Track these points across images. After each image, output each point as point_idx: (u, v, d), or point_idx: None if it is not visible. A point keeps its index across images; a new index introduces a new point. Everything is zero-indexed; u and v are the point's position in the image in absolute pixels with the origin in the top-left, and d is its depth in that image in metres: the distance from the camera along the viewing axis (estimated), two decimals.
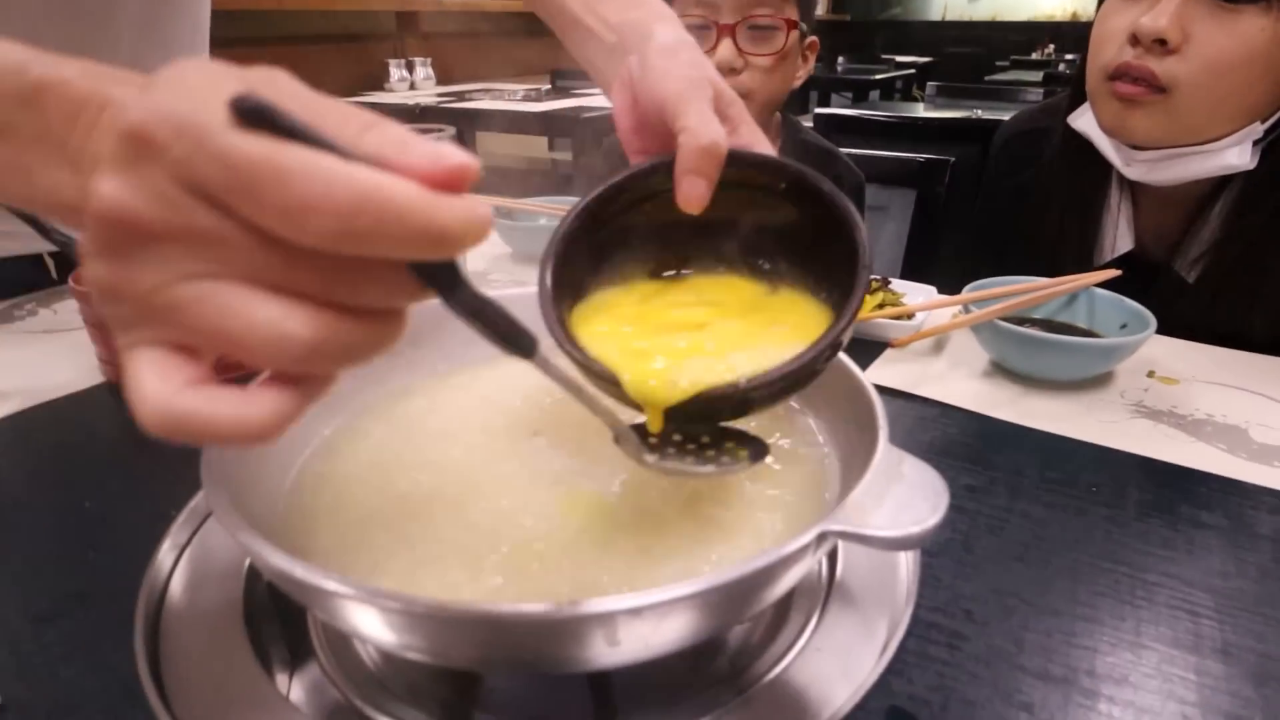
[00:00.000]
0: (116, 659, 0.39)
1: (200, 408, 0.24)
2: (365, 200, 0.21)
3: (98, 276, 0.24)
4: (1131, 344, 0.62)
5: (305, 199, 0.21)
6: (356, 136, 0.23)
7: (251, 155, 0.21)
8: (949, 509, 0.31)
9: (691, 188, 0.40)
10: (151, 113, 0.22)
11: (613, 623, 0.29)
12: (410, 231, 0.22)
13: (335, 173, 0.21)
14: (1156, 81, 0.74)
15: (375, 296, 0.24)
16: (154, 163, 0.22)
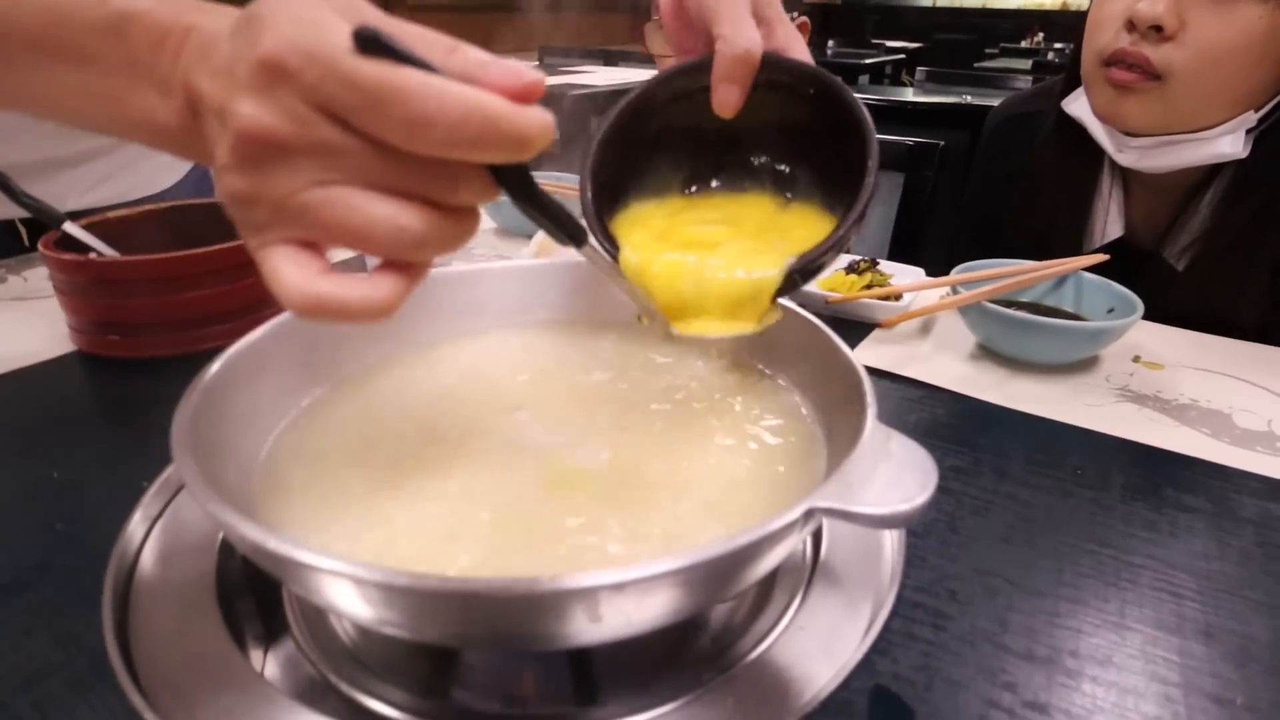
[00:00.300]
0: (83, 632, 0.38)
1: (336, 289, 0.28)
2: (471, 113, 0.25)
3: (235, 187, 0.28)
4: (1118, 328, 0.62)
5: (424, 113, 0.25)
6: (445, 58, 0.27)
7: (377, 77, 0.25)
8: (935, 489, 0.31)
9: (726, 94, 0.43)
10: (285, 43, 0.26)
11: (595, 598, 0.28)
12: (503, 137, 0.26)
13: (446, 91, 0.25)
14: (1151, 68, 0.74)
15: (465, 196, 0.29)
16: (288, 86, 0.26)
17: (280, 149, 0.27)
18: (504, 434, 0.44)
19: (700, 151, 0.49)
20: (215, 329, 0.63)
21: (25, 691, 0.34)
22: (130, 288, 0.61)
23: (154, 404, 0.58)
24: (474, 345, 0.53)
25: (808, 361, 0.47)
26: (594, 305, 0.56)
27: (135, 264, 0.61)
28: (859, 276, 0.77)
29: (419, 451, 0.43)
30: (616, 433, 0.45)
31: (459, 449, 0.43)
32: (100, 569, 0.40)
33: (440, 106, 0.25)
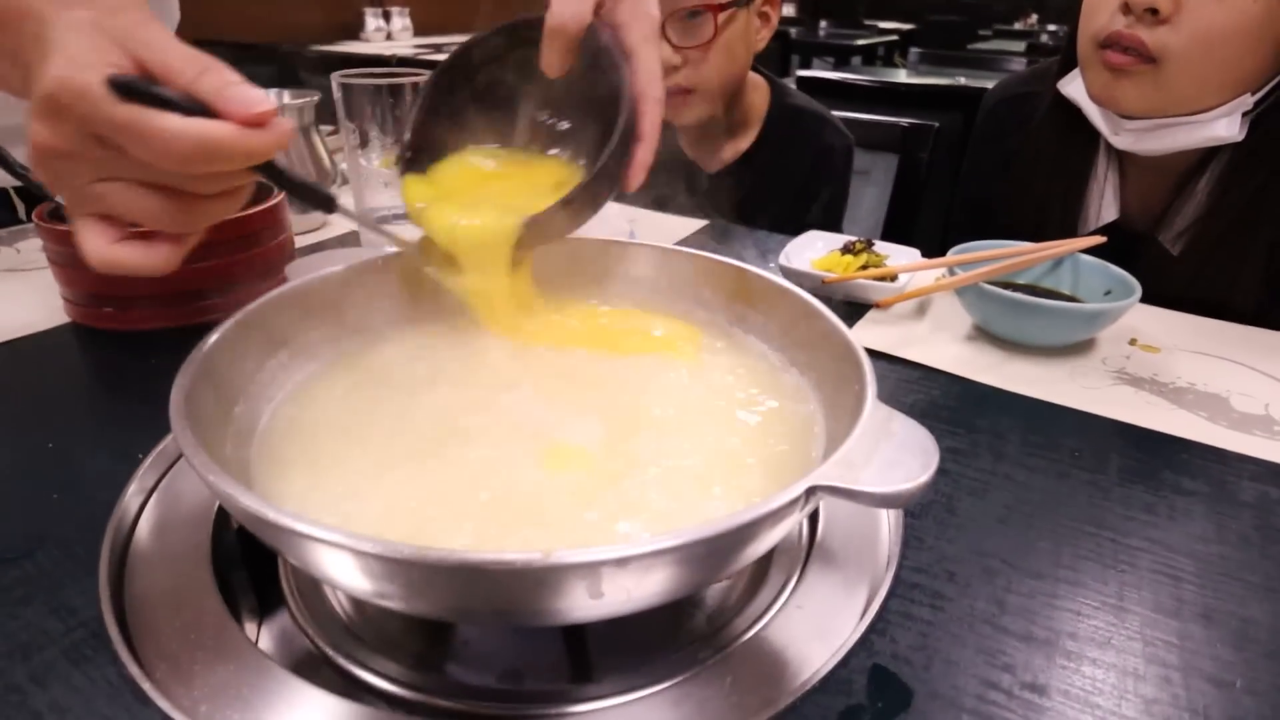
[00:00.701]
0: (80, 602, 0.37)
1: (122, 254, 0.37)
2: (198, 146, 0.33)
3: (43, 178, 0.36)
4: (1116, 310, 0.62)
5: (158, 149, 0.33)
6: (196, 78, 0.34)
7: (125, 120, 0.32)
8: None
9: (547, 56, 0.48)
10: (58, 82, 0.32)
11: (596, 573, 0.28)
12: (230, 157, 0.34)
13: (179, 130, 0.32)
14: (1146, 51, 0.74)
15: (222, 183, 0.37)
16: (63, 116, 0.33)
17: (65, 157, 0.34)
18: (501, 410, 0.44)
19: (519, 107, 0.54)
20: (209, 302, 0.63)
21: (23, 661, 0.34)
22: None
23: (148, 376, 0.58)
24: (470, 322, 0.53)
25: (805, 341, 0.47)
26: (592, 283, 0.56)
27: None
28: (854, 257, 0.77)
29: (416, 427, 0.42)
30: (614, 410, 0.45)
31: (456, 425, 0.43)
32: (96, 540, 0.40)
33: (172, 142, 0.32)
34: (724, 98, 1.12)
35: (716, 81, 1.08)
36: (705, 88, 1.08)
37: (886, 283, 0.72)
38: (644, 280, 0.55)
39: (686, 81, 1.07)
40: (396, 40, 3.26)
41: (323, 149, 0.94)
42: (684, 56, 1.05)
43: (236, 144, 0.33)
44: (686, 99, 1.09)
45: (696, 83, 1.07)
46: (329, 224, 0.95)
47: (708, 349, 0.51)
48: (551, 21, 0.47)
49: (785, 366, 0.49)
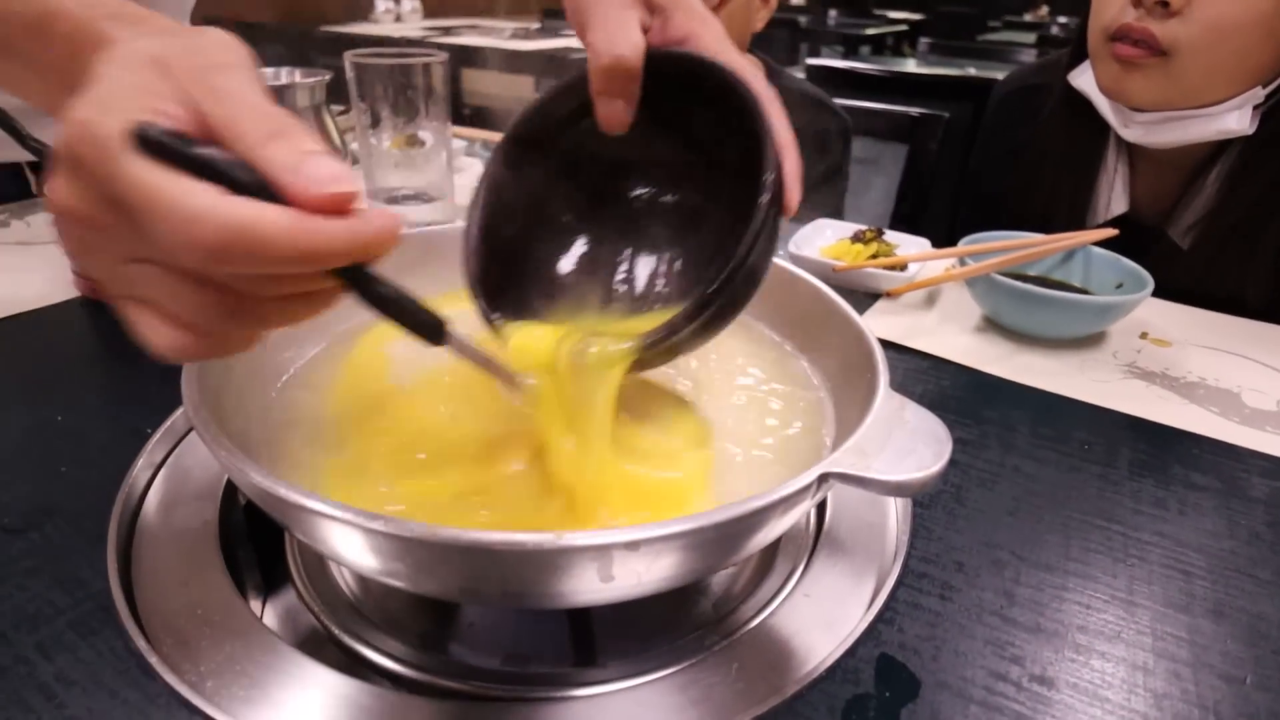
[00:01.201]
0: (88, 575, 0.37)
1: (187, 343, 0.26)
2: (233, 237, 0.22)
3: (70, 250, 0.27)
4: (1128, 303, 0.62)
5: (177, 233, 0.23)
6: (260, 144, 0.24)
7: (132, 184, 0.23)
8: None
9: (606, 109, 0.38)
10: (79, 131, 0.24)
11: (607, 556, 0.28)
12: (280, 256, 0.23)
13: (201, 210, 0.22)
14: (1157, 44, 0.73)
15: (287, 286, 0.26)
16: (81, 172, 0.24)
17: (87, 225, 0.25)
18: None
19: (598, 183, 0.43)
20: None
21: (30, 632, 0.34)
22: None
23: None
24: None
25: (816, 329, 0.47)
26: None
27: None
28: (864, 246, 0.77)
29: (429, 410, 0.42)
30: (625, 393, 0.44)
31: (469, 408, 0.42)
32: (104, 513, 0.40)
33: (195, 226, 0.22)
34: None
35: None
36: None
37: (896, 272, 0.72)
38: None
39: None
40: (406, 22, 3.24)
41: (334, 128, 0.94)
42: None
43: (290, 240, 0.23)
44: None
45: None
46: None
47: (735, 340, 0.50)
48: (601, 61, 0.37)
49: (796, 354, 0.48)
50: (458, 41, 2.67)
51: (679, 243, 0.43)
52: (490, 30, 3.02)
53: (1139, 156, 0.87)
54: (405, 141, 0.80)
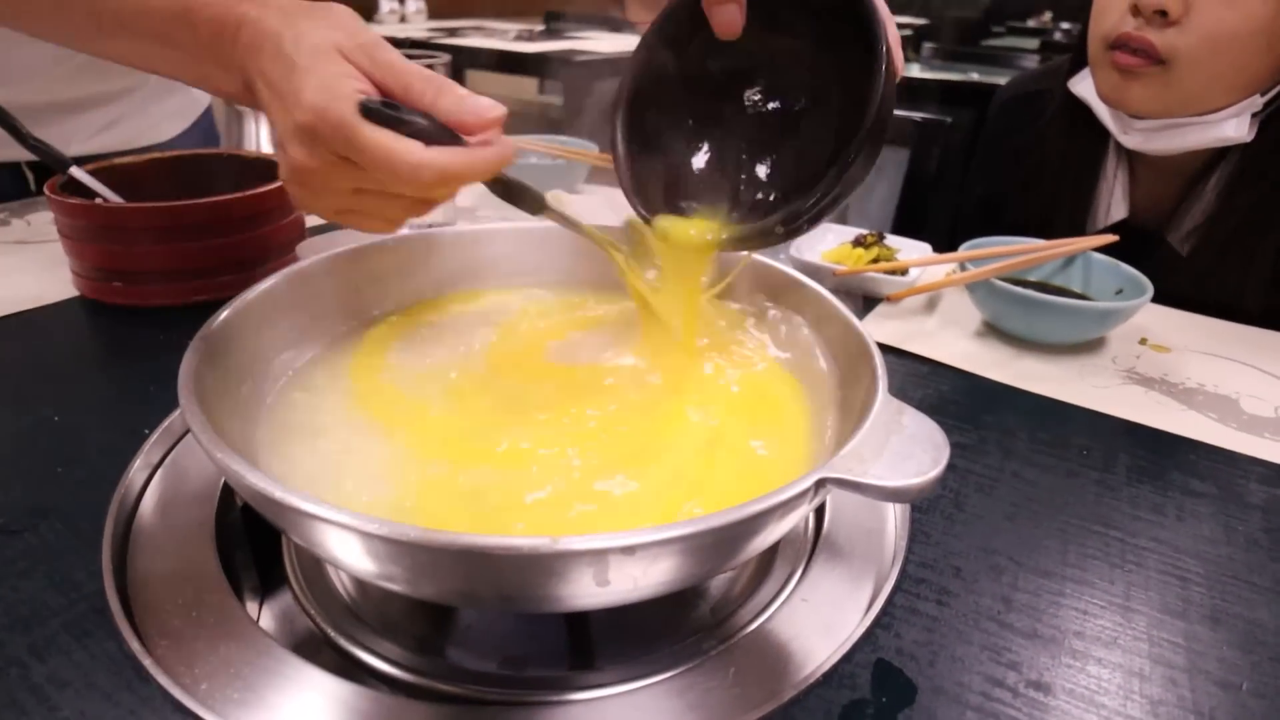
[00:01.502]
0: (82, 576, 0.37)
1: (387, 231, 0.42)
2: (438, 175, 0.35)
3: (296, 194, 0.40)
4: (1127, 309, 0.62)
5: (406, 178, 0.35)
6: (435, 98, 0.36)
7: (373, 147, 0.35)
8: None
9: (719, 15, 0.43)
10: (314, 112, 0.35)
11: (603, 561, 0.28)
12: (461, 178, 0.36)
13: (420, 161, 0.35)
14: (1156, 53, 0.74)
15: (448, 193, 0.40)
16: (319, 141, 0.36)
17: (322, 176, 0.37)
18: (505, 395, 0.44)
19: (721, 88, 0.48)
20: (217, 280, 0.63)
21: (23, 634, 0.34)
22: (135, 235, 0.60)
23: (156, 352, 0.58)
24: (478, 303, 0.53)
25: (820, 333, 0.47)
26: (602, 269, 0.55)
27: (140, 211, 0.60)
28: (866, 250, 0.77)
29: (421, 412, 0.42)
30: (628, 394, 0.44)
31: (466, 406, 0.42)
32: (100, 514, 0.40)
33: (418, 171, 0.35)
34: None
35: None
36: None
37: (897, 277, 0.72)
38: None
39: None
40: (411, 23, 3.25)
41: None
42: None
43: (469, 168, 0.36)
44: None
45: None
46: None
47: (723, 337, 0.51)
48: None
49: (799, 357, 0.48)
50: (462, 43, 2.67)
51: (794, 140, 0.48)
52: (494, 31, 3.02)
53: (1139, 163, 0.87)
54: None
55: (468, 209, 0.95)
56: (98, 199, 0.64)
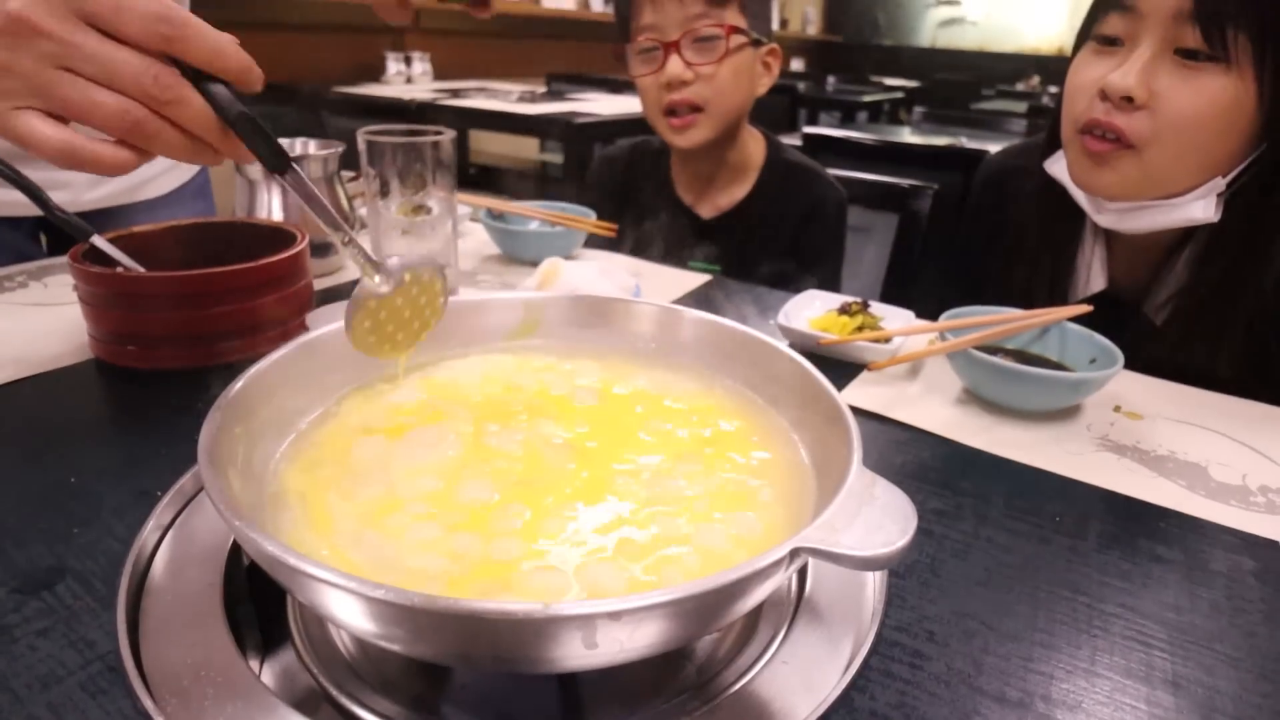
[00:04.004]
0: (97, 636, 0.39)
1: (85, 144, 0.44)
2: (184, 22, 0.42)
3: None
4: (1100, 379, 0.64)
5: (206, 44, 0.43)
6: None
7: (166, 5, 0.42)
8: (917, 532, 0.33)
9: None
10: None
11: (591, 625, 0.30)
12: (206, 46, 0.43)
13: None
14: (1125, 138, 0.77)
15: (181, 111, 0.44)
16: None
17: (35, 33, 0.40)
18: (500, 454, 0.46)
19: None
20: (229, 344, 0.65)
21: (42, 692, 0.36)
22: (152, 302, 0.63)
23: (168, 415, 0.61)
24: (470, 367, 0.55)
25: (799, 401, 0.49)
26: (603, 336, 0.58)
27: (159, 280, 0.63)
28: (851, 318, 0.80)
29: (420, 474, 0.44)
30: (614, 456, 0.47)
31: (458, 469, 0.45)
32: (114, 575, 0.42)
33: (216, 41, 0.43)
34: (726, 124, 1.20)
35: (723, 103, 1.17)
36: (712, 107, 1.16)
37: (881, 345, 0.75)
38: (646, 336, 0.58)
39: (696, 97, 1.15)
40: (416, 84, 3.33)
41: (344, 195, 0.98)
42: (695, 73, 1.14)
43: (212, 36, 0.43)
44: (695, 118, 1.17)
45: (706, 98, 1.16)
46: (345, 269, 0.98)
47: (710, 401, 0.53)
48: None
49: (784, 425, 0.51)
50: (466, 104, 2.75)
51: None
52: (497, 93, 3.11)
53: (1114, 239, 0.91)
54: (412, 209, 0.84)
55: (468, 272, 0.99)
56: (118, 267, 0.68)
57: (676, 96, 1.15)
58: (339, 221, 0.46)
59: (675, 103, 1.16)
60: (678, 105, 1.16)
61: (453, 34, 3.72)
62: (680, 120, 1.17)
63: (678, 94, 1.15)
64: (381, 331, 0.49)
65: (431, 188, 0.83)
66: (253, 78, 0.46)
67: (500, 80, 3.64)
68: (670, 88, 1.15)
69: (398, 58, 3.30)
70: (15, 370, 0.65)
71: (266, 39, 3.00)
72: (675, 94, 1.15)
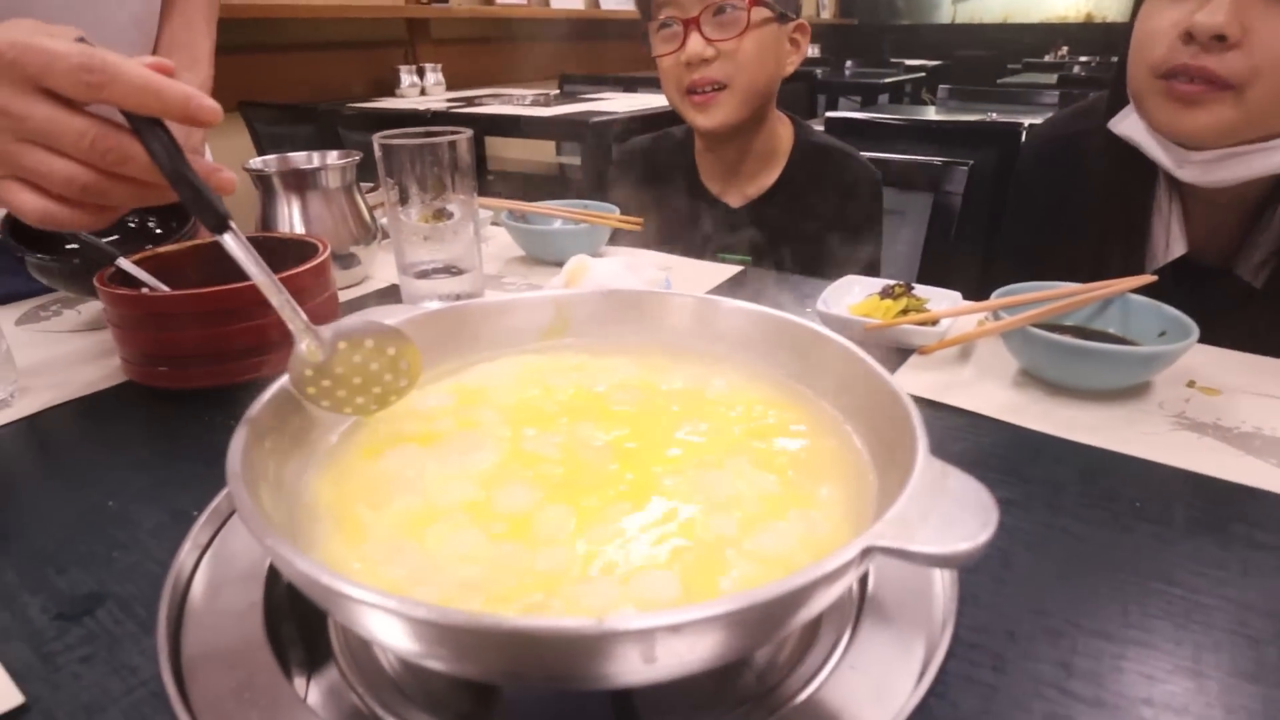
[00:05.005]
0: (139, 661, 0.38)
1: (62, 211, 0.47)
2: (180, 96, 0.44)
3: None
4: (1174, 352, 0.60)
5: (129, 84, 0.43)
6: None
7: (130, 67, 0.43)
8: None
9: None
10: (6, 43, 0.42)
11: (650, 639, 0.27)
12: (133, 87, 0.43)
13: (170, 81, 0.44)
14: (1220, 80, 0.71)
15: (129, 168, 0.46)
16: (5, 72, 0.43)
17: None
18: (540, 458, 0.44)
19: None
20: (260, 359, 0.64)
21: None
22: (180, 321, 0.63)
23: (202, 433, 0.60)
24: (501, 370, 0.54)
25: (851, 390, 0.46)
26: (637, 331, 0.56)
27: (185, 298, 0.63)
28: (894, 301, 0.76)
29: (456, 482, 0.43)
30: (657, 453, 0.44)
31: (497, 476, 0.43)
32: (153, 598, 0.41)
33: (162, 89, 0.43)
34: (751, 103, 1.15)
35: (747, 80, 1.12)
36: (736, 84, 1.11)
37: (928, 328, 0.71)
38: (682, 329, 0.56)
39: (719, 74, 1.10)
40: (430, 95, 3.35)
41: (364, 205, 0.97)
42: (716, 49, 1.09)
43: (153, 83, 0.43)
44: (717, 95, 1.12)
45: (730, 75, 1.11)
46: (369, 279, 0.97)
47: (755, 393, 0.51)
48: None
49: (837, 415, 0.48)
50: (480, 111, 2.75)
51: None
52: (511, 98, 3.11)
53: (1191, 199, 0.85)
54: (433, 215, 0.83)
55: (491, 276, 0.98)
56: (144, 288, 0.67)
57: (698, 75, 1.11)
58: (277, 285, 0.45)
59: (697, 82, 1.11)
60: (700, 85, 1.12)
61: (463, 42, 3.73)
62: (702, 97, 1.12)
63: (699, 73, 1.11)
64: (332, 396, 0.45)
65: (450, 192, 0.81)
66: (195, 109, 0.45)
67: (513, 86, 3.65)
68: (691, 66, 1.11)
69: (410, 70, 3.32)
70: (52, 396, 0.65)
71: (278, 60, 3.05)
72: (696, 73, 1.11)
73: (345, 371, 0.46)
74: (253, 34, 2.88)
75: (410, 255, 0.83)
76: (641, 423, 0.48)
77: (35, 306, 0.87)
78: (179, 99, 0.44)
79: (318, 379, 0.45)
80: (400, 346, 0.47)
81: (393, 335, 0.47)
